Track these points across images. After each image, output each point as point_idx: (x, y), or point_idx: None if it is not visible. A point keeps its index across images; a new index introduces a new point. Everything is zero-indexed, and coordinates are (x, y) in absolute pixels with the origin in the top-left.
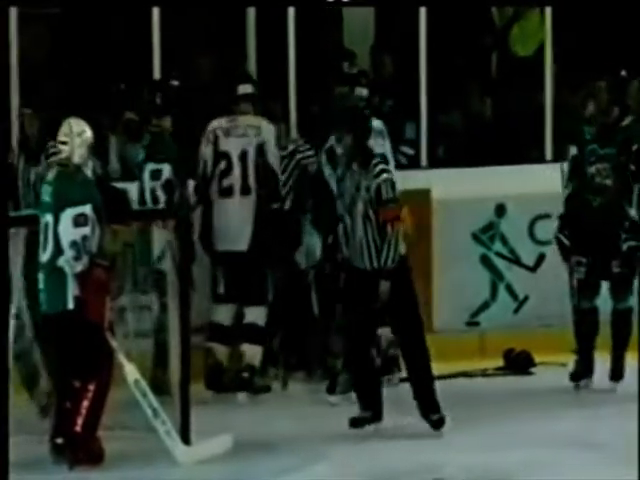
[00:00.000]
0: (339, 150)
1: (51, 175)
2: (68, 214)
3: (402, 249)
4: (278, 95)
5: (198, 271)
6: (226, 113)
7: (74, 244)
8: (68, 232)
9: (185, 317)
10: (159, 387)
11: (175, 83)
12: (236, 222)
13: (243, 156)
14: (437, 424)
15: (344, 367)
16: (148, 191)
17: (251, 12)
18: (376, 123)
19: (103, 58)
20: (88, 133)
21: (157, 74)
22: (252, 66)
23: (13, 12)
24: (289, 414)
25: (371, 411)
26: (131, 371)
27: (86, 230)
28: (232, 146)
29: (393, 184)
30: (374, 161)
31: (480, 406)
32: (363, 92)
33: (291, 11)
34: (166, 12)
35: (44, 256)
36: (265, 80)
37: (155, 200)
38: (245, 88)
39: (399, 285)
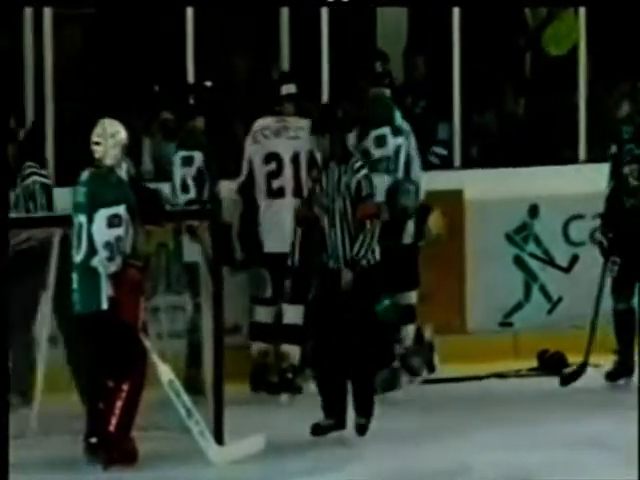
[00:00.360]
0: (317, 150)
1: (85, 176)
2: (102, 215)
3: (377, 253)
4: (311, 95)
5: (233, 271)
6: (268, 113)
7: (108, 245)
8: (102, 233)
9: (219, 317)
10: (193, 387)
11: (208, 84)
12: (289, 224)
13: (295, 158)
14: (360, 429)
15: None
16: (179, 178)
17: (285, 12)
18: (404, 123)
19: (137, 59)
20: (122, 134)
21: (191, 74)
22: (285, 66)
23: (48, 13)
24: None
25: (335, 419)
26: (165, 371)
27: (120, 231)
28: (282, 147)
29: (371, 181)
30: (353, 158)
31: (513, 407)
32: (386, 92)
33: (324, 11)
34: (200, 12)
35: (78, 256)
36: (298, 80)
37: (185, 189)
38: (289, 88)
39: (361, 288)
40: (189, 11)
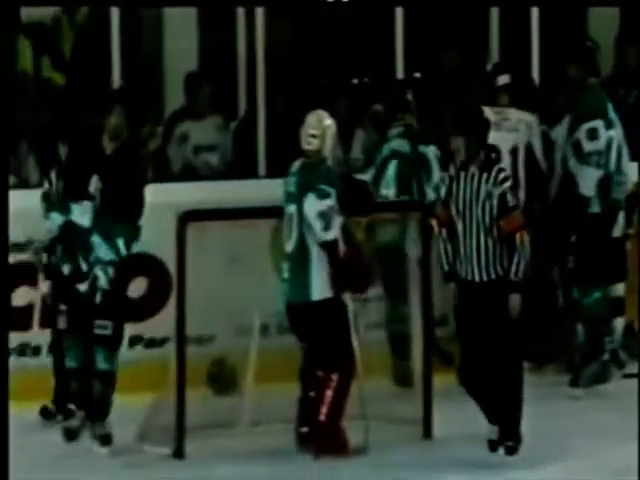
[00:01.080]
0: (456, 149)
1: (296, 166)
2: (310, 196)
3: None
4: (522, 87)
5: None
6: (481, 104)
7: (322, 214)
8: (314, 206)
9: (427, 308)
10: (402, 379)
11: (417, 75)
12: None
13: (514, 151)
14: (509, 450)
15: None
16: (438, 172)
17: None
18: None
19: (347, 52)
20: (334, 126)
21: (400, 68)
22: (495, 59)
23: (260, 11)
24: (531, 407)
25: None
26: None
27: (330, 202)
28: (501, 139)
29: (515, 192)
30: (497, 166)
31: None
32: (593, 81)
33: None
34: (408, 7)
35: (289, 246)
36: (512, 71)
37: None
38: (504, 79)
39: (500, 300)
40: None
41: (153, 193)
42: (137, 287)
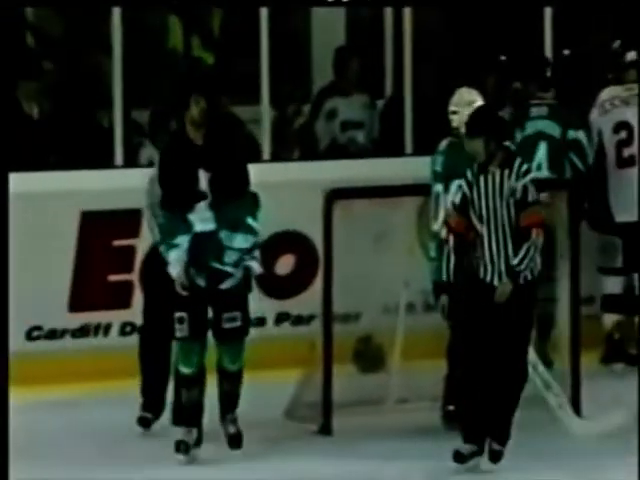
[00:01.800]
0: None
1: (443, 145)
2: (456, 185)
3: (537, 268)
4: None
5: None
6: (608, 82)
7: None
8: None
9: (576, 288)
10: (543, 360)
11: (566, 52)
12: None
13: None
14: (494, 455)
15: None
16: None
17: None
18: None
19: (494, 29)
20: (479, 103)
21: (548, 45)
22: None
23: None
24: None
25: (476, 445)
26: None
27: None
28: (632, 115)
29: (537, 185)
30: (518, 160)
31: None
32: None
33: None
34: None
35: (436, 225)
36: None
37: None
38: (632, 55)
39: (518, 307)
40: None
41: (300, 171)
42: (284, 264)
